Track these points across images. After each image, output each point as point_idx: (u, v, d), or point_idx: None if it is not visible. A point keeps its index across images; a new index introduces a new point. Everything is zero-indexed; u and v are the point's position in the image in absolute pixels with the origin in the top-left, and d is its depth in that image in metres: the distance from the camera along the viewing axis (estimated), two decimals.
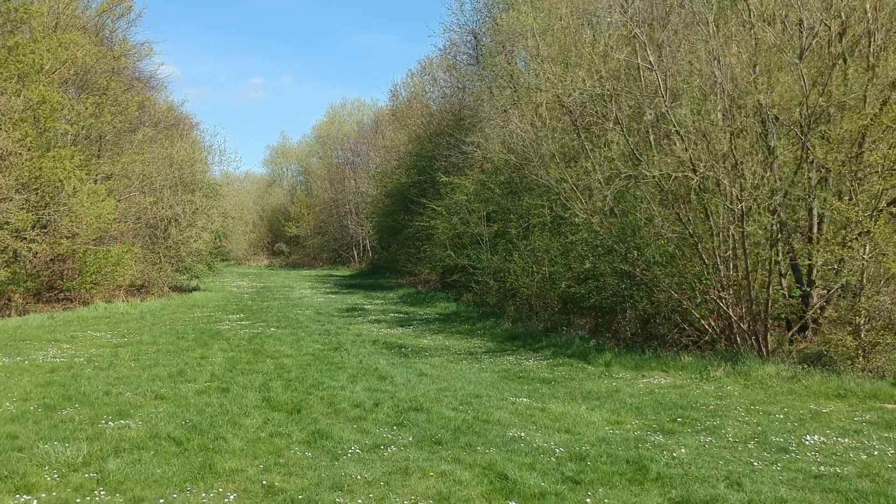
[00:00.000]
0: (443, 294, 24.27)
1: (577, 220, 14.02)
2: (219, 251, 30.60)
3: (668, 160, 10.84)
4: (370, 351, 13.95)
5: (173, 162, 26.40)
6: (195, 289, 29.60)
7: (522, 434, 7.60)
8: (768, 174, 10.26)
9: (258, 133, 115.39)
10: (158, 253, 24.07)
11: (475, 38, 27.66)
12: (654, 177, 11.01)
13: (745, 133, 10.18)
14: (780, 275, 11.79)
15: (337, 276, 46.39)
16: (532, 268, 15.46)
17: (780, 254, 11.74)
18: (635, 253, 12.62)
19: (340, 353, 13.58)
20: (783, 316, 12.38)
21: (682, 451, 6.98)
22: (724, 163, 10.15)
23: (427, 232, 25.80)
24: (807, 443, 7.26)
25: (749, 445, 7.21)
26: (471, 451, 6.95)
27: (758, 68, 9.96)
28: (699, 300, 11.66)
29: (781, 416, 8.41)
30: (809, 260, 12.24)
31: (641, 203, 12.36)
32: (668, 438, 7.47)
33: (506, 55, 21.73)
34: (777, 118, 10.22)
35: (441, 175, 23.85)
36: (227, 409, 8.75)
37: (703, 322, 12.26)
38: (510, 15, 20.45)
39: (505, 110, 26.14)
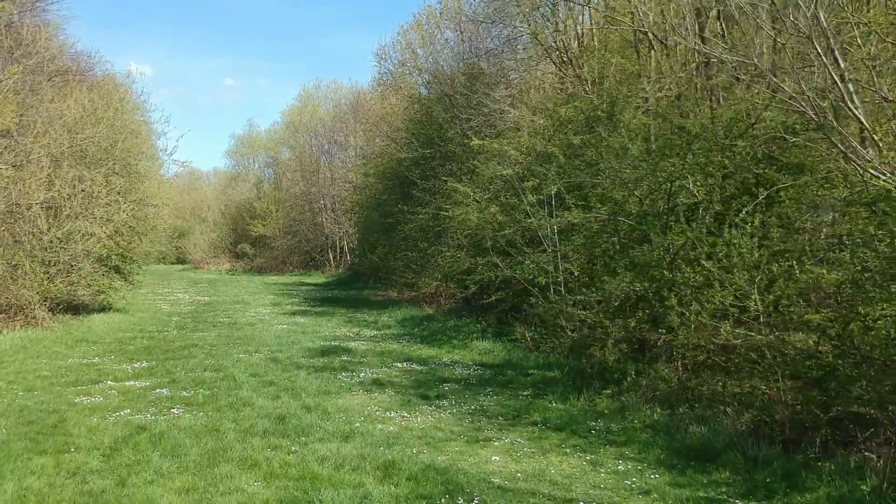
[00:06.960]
0: (470, 323, 15.62)
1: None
2: (128, 256, 21.75)
3: None
4: None
5: (63, 122, 17.59)
6: (104, 308, 20.71)
7: None
8: None
9: (229, 132, 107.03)
10: (23, 257, 15.22)
11: None
12: None
13: None
14: None
15: (309, 284, 37.50)
16: (750, 290, 6.94)
17: None
18: None
19: None
20: None
21: None
22: None
23: (441, 226, 17.29)
24: None
25: None
26: None
27: None
28: None
29: None
30: None
31: None
32: None
33: None
34: None
35: (471, 138, 15.18)
36: None
37: None
38: None
39: (550, 52, 17.83)
